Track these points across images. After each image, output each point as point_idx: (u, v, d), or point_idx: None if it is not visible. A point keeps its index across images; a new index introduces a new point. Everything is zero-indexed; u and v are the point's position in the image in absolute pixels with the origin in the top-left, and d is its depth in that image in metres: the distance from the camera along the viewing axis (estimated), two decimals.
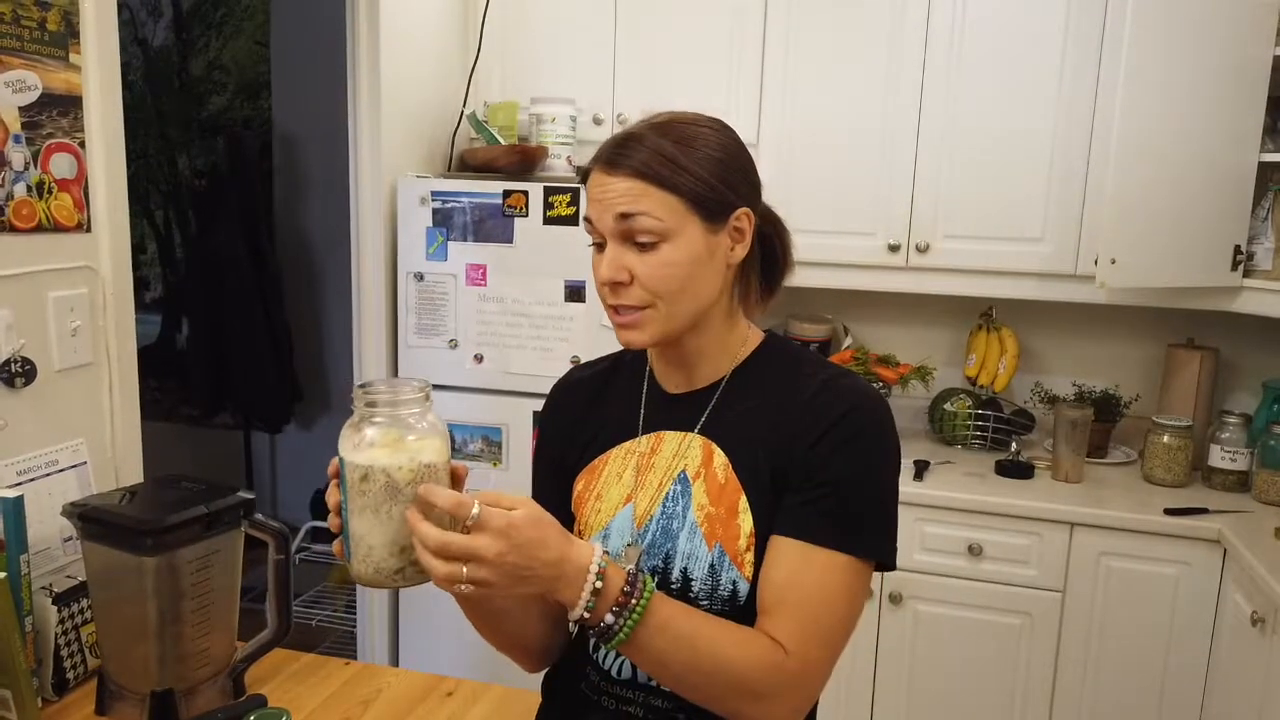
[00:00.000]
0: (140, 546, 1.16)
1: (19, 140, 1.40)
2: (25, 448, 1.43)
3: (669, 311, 1.03)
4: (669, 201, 1.00)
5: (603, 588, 0.91)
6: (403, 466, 0.89)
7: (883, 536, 1.03)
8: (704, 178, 1.01)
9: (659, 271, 1.01)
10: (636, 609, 0.92)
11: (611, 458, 1.13)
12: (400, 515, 0.89)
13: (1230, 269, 2.25)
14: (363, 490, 0.89)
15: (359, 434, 0.91)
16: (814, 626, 0.98)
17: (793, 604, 0.98)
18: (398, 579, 0.92)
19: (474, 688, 1.37)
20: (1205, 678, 2.11)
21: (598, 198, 1.02)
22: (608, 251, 1.02)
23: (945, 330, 2.80)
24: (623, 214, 1.00)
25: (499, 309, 2.40)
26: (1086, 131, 2.31)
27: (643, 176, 1.00)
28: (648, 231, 1.00)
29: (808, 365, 1.10)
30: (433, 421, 0.93)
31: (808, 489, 1.01)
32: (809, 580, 0.98)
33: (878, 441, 1.03)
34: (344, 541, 0.93)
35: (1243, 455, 2.30)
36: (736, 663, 0.95)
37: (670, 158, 1.00)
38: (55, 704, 1.29)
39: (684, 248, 1.01)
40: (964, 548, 2.23)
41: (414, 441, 0.91)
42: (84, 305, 1.52)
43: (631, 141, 1.02)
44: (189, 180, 4.01)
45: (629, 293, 1.02)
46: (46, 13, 1.43)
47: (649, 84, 2.58)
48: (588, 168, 1.06)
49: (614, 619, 0.91)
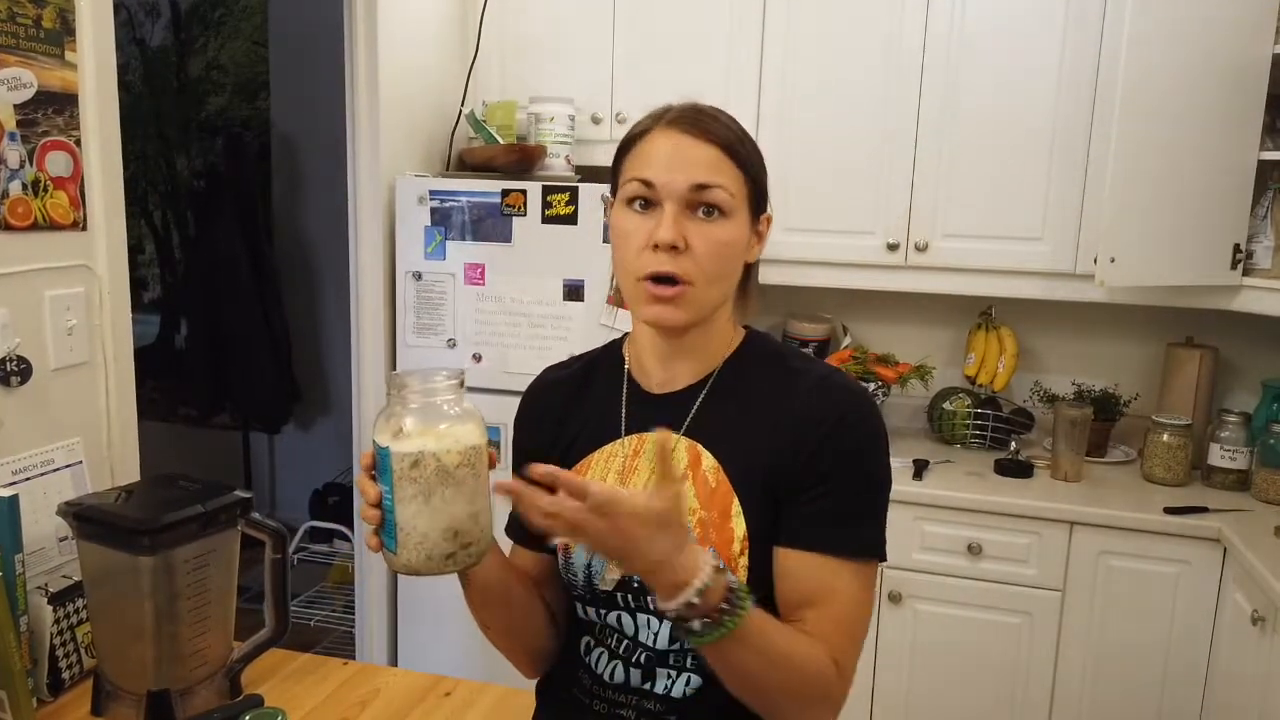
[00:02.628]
0: (136, 546, 1.15)
1: (14, 138, 1.39)
2: (21, 447, 1.42)
3: (704, 294, 1.01)
4: (740, 181, 1.01)
5: (700, 602, 0.87)
6: (450, 450, 0.90)
7: (881, 533, 1.04)
8: (762, 169, 1.04)
9: (715, 247, 1.00)
10: (728, 624, 0.88)
11: (594, 461, 1.11)
12: (452, 498, 0.90)
13: (1230, 267, 2.24)
14: (413, 478, 0.90)
15: (400, 423, 0.92)
16: (846, 632, 0.99)
17: (825, 614, 0.99)
18: (449, 564, 0.93)
19: (472, 688, 1.36)
20: (1205, 677, 2.10)
21: (671, 156, 0.99)
22: (670, 213, 0.99)
23: (944, 329, 2.80)
24: (701, 183, 0.98)
25: (497, 308, 2.40)
26: (1085, 129, 2.30)
27: (727, 150, 1.00)
28: (718, 204, 0.99)
29: (794, 364, 1.09)
30: (468, 407, 0.95)
31: (814, 498, 1.00)
32: (835, 589, 0.99)
33: (875, 443, 1.04)
34: (386, 533, 0.93)
35: (1242, 454, 2.30)
36: (805, 675, 0.95)
37: (749, 146, 1.02)
38: (51, 704, 1.28)
39: (737, 230, 1.02)
40: (964, 547, 2.23)
41: (457, 426, 0.92)
42: (80, 304, 1.52)
43: (708, 115, 1.01)
44: (187, 181, 4.00)
45: (679, 262, 0.99)
46: (42, 10, 1.42)
47: (647, 83, 2.57)
48: (646, 126, 1.03)
49: (700, 626, 0.88)
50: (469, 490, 0.92)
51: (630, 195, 1.02)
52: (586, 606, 1.10)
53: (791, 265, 2.53)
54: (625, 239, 1.02)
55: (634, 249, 1.01)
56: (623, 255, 1.03)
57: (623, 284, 1.05)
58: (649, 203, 1.00)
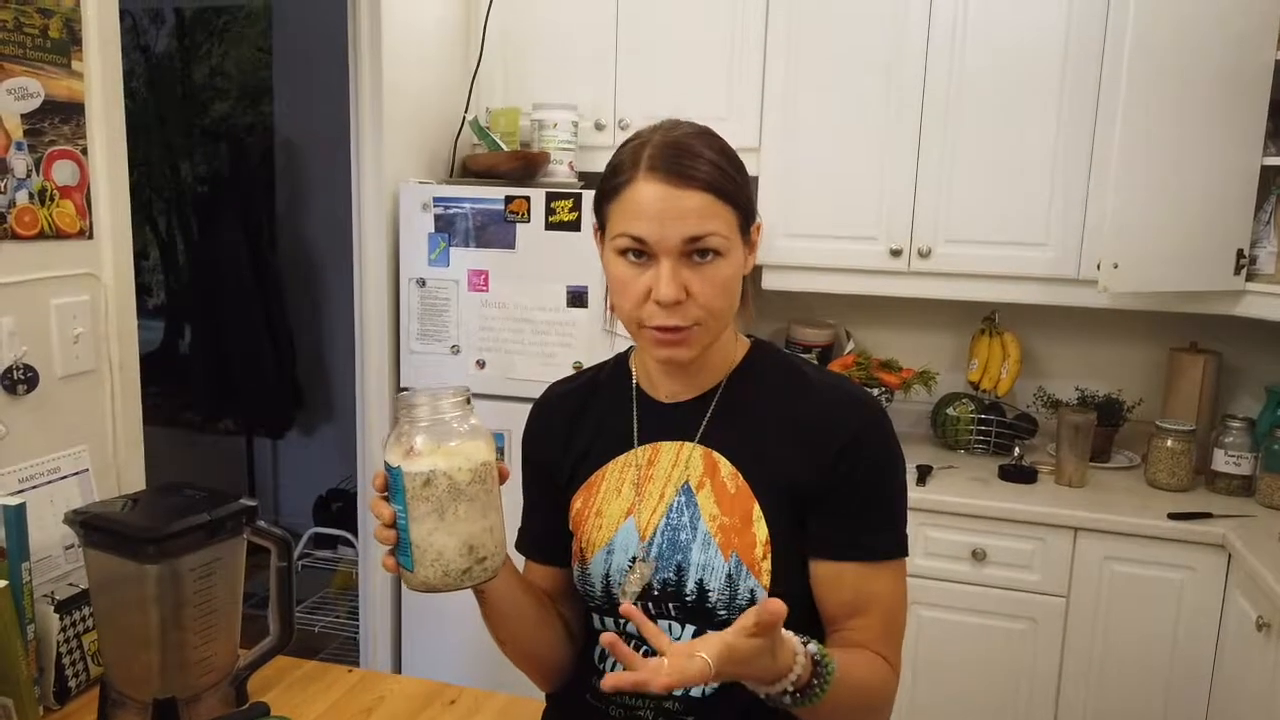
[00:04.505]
0: (143, 554, 1.15)
1: (21, 147, 1.40)
2: (27, 455, 1.42)
3: (715, 326, 1.01)
4: (731, 218, 0.98)
5: (789, 687, 0.88)
6: (461, 468, 0.92)
7: (904, 531, 1.07)
8: (749, 192, 1.01)
9: (716, 288, 0.98)
10: (818, 692, 0.89)
11: (608, 472, 1.12)
12: (465, 515, 0.92)
13: (1233, 273, 2.24)
14: (425, 496, 0.91)
15: (410, 443, 0.93)
16: (893, 632, 1.05)
17: (874, 619, 1.03)
18: (465, 579, 0.94)
19: (477, 696, 1.36)
20: (1210, 683, 2.10)
21: (660, 211, 0.95)
22: (668, 269, 0.96)
23: (947, 335, 2.79)
24: (695, 235, 0.96)
25: (501, 314, 2.40)
26: (1089, 134, 2.30)
27: (716, 192, 0.96)
28: (714, 250, 0.97)
29: (803, 372, 1.11)
30: (475, 424, 0.96)
31: (835, 509, 1.03)
32: (878, 594, 1.03)
33: (893, 446, 1.07)
34: (402, 552, 0.94)
35: (1246, 459, 2.29)
36: (877, 690, 1.01)
37: (726, 171, 0.98)
38: (57, 712, 1.29)
39: (735, 263, 1.00)
40: (967, 553, 2.23)
41: (464, 444, 0.94)
42: (86, 312, 1.52)
43: (688, 154, 0.97)
44: (191, 187, 4.01)
45: (685, 311, 0.98)
46: (49, 20, 1.43)
47: (651, 89, 2.58)
48: (627, 178, 0.99)
49: (790, 700, 0.90)
50: (481, 505, 0.93)
51: (622, 248, 0.99)
52: (604, 617, 1.11)
53: (794, 271, 2.52)
54: (623, 288, 1.00)
55: (633, 299, 0.99)
56: (620, 302, 1.02)
57: (625, 326, 1.04)
58: (642, 253, 0.98)
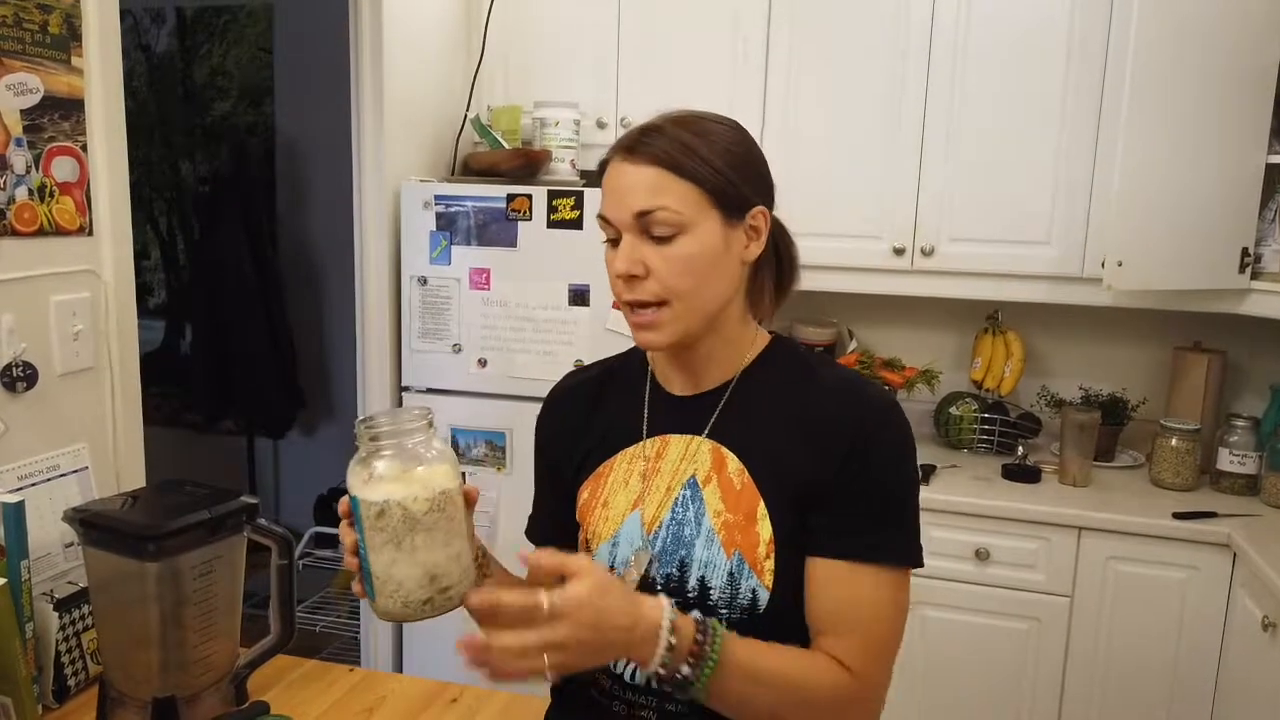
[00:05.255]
0: (142, 552, 1.14)
1: (20, 143, 1.39)
2: (26, 452, 1.42)
3: (686, 309, 1.01)
4: (688, 193, 0.99)
5: (676, 642, 0.89)
6: (418, 497, 0.88)
7: (915, 540, 1.03)
8: (722, 169, 1.00)
9: (676, 265, 0.99)
10: (711, 655, 0.90)
11: (616, 464, 1.12)
12: (423, 545, 0.88)
13: (1238, 271, 2.24)
14: (380, 527, 0.88)
15: (367, 470, 0.90)
16: (874, 644, 0.99)
17: (851, 624, 0.98)
18: (426, 609, 0.90)
19: (479, 694, 1.36)
20: (1215, 683, 2.09)
21: (615, 188, 1.01)
22: (624, 243, 1.00)
23: (950, 333, 2.79)
24: (641, 210, 0.98)
25: (503, 313, 2.39)
26: (1092, 132, 2.30)
27: (663, 164, 0.98)
28: (666, 224, 0.98)
29: (819, 369, 1.09)
30: (439, 449, 0.92)
31: (844, 507, 1.00)
32: (862, 599, 0.99)
33: (903, 449, 1.05)
34: (364, 580, 0.91)
35: (1251, 459, 2.28)
36: (812, 691, 0.96)
37: (691, 147, 0.99)
38: (56, 711, 1.28)
39: (701, 240, 1.00)
40: (971, 552, 2.22)
41: (424, 471, 0.89)
42: (86, 309, 1.52)
43: (651, 132, 1.00)
44: (192, 186, 4.00)
45: (644, 287, 1.00)
46: (48, 15, 1.42)
47: (652, 87, 2.57)
48: (605, 160, 1.04)
49: (690, 669, 0.89)
50: (442, 535, 0.89)
51: (602, 232, 1.04)
52: None
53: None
54: (607, 271, 1.05)
55: (611, 280, 1.04)
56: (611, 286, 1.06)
57: None
58: (618, 236, 1.02)
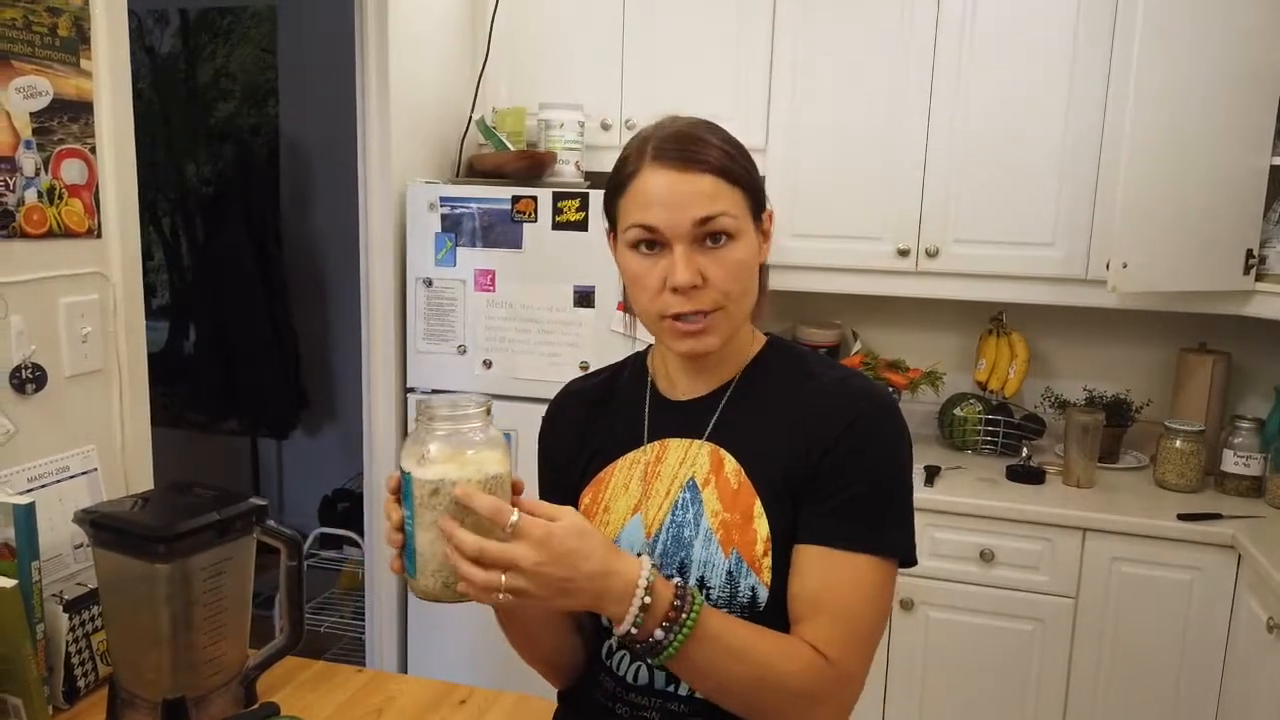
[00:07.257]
0: (153, 553, 1.15)
1: (30, 146, 1.39)
2: (36, 454, 1.42)
3: (735, 312, 1.02)
4: (740, 199, 1.00)
5: (651, 603, 0.89)
6: (471, 479, 0.90)
7: (903, 533, 1.04)
8: (758, 175, 1.03)
9: (732, 271, 0.99)
10: (687, 623, 0.90)
11: (617, 468, 1.12)
12: (471, 528, 0.89)
13: (1242, 273, 2.24)
14: (433, 505, 0.90)
15: (423, 449, 0.92)
16: (851, 632, 0.98)
17: (828, 611, 0.98)
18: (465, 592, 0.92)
19: (487, 695, 1.36)
20: (1220, 684, 2.09)
21: (667, 199, 0.98)
22: (682, 254, 0.98)
23: (955, 335, 2.79)
24: (705, 216, 0.97)
25: (507, 314, 2.40)
26: (1097, 134, 2.30)
27: (721, 174, 0.98)
28: (725, 230, 0.98)
29: (815, 367, 1.10)
30: (494, 435, 0.94)
31: (827, 495, 1.00)
32: (841, 585, 0.99)
33: (892, 441, 1.04)
34: (407, 557, 0.93)
35: (1256, 460, 2.28)
36: (783, 673, 0.95)
37: (737, 156, 1.00)
38: (66, 712, 1.28)
39: (748, 245, 1.01)
40: (975, 553, 2.22)
41: (477, 455, 0.92)
42: (94, 311, 1.52)
43: (693, 140, 0.99)
44: (196, 187, 4.01)
45: (703, 296, 0.99)
46: (57, 19, 1.43)
47: (657, 89, 2.58)
48: (634, 169, 1.00)
49: (664, 634, 0.90)
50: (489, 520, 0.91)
51: (634, 240, 1.01)
52: None
53: (801, 271, 2.52)
54: (638, 281, 1.02)
55: (650, 292, 1.01)
56: (637, 296, 1.03)
57: (644, 321, 1.06)
58: (654, 243, 1.00)
